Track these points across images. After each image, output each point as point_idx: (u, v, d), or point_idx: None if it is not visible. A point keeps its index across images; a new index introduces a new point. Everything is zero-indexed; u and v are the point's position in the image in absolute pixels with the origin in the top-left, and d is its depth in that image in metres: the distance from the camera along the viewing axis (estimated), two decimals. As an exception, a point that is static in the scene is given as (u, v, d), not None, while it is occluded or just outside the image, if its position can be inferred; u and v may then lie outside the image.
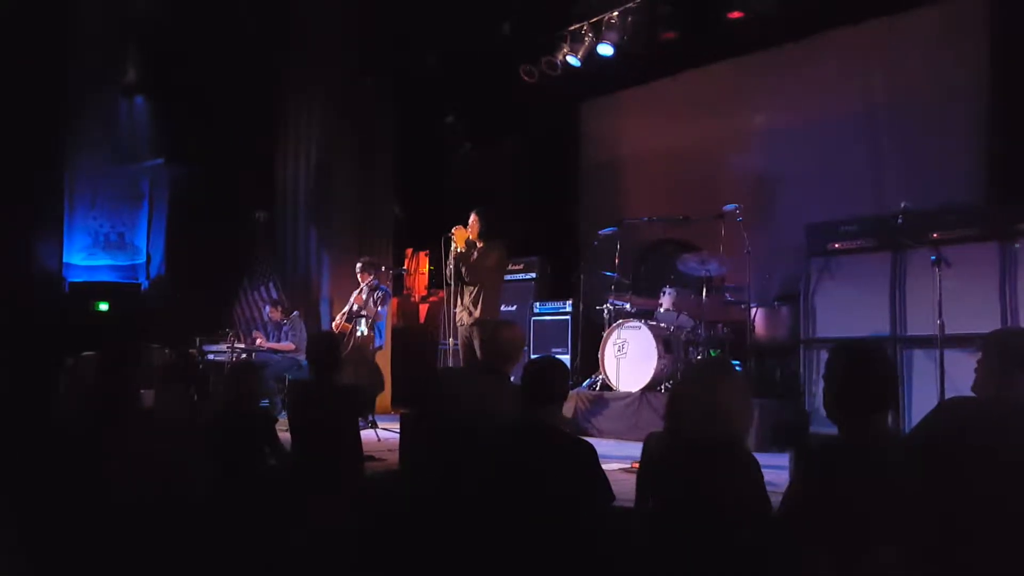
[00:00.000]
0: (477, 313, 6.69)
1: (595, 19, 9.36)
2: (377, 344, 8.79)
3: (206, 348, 9.19)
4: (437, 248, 7.33)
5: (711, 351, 8.08)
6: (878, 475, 2.58)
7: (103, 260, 11.47)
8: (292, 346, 9.12)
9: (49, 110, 10.33)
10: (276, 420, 4.99)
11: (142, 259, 11.63)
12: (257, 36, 10.43)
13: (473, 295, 6.80)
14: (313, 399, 4.83)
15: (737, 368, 6.28)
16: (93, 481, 3.78)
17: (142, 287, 11.48)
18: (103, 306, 10.68)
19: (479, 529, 3.30)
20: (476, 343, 6.51)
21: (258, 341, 9.26)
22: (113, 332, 10.11)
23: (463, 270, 6.85)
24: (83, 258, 11.38)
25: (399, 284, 11.70)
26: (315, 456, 4.57)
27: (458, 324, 6.94)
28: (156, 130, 11.63)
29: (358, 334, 8.28)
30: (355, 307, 8.52)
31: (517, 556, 3.15)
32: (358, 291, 8.65)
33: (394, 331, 10.68)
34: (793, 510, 2.69)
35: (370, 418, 7.62)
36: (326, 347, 4.99)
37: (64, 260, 11.04)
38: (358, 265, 8.77)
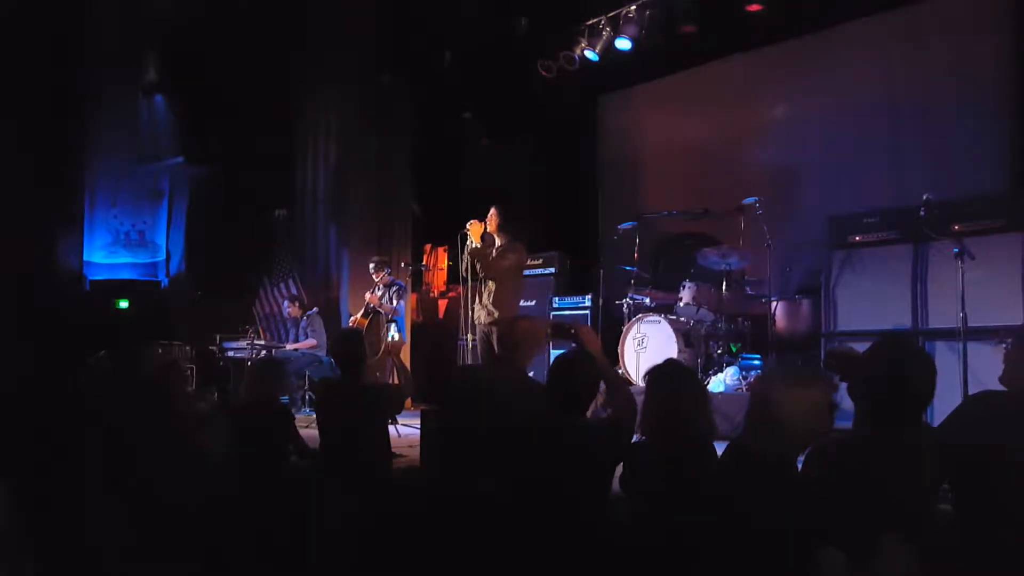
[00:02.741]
0: (496, 312, 6.66)
1: (613, 13, 9.31)
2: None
3: (226, 345, 9.24)
4: (456, 244, 7.32)
5: (731, 345, 8.05)
6: (897, 472, 2.55)
7: (124, 258, 11.55)
8: (314, 342, 9.18)
9: (70, 109, 10.40)
10: (294, 417, 5.00)
11: (162, 257, 11.70)
12: (275, 35, 10.45)
13: (492, 294, 6.76)
14: (340, 397, 4.83)
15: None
16: (110, 478, 3.80)
17: (162, 284, 11.55)
18: (124, 303, 10.75)
19: (502, 526, 3.29)
20: (495, 339, 6.50)
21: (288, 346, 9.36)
22: (133, 329, 10.19)
23: (478, 266, 6.83)
24: (104, 256, 11.46)
25: (418, 280, 11.71)
26: (343, 453, 4.57)
27: (476, 322, 6.92)
28: (176, 129, 11.71)
29: (388, 339, 8.30)
30: (371, 305, 8.55)
31: (540, 554, 3.13)
32: (371, 290, 8.69)
33: (414, 327, 10.69)
34: (804, 505, 2.64)
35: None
36: (351, 345, 4.99)
37: (85, 258, 11.13)
38: (371, 265, 8.81)
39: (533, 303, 9.70)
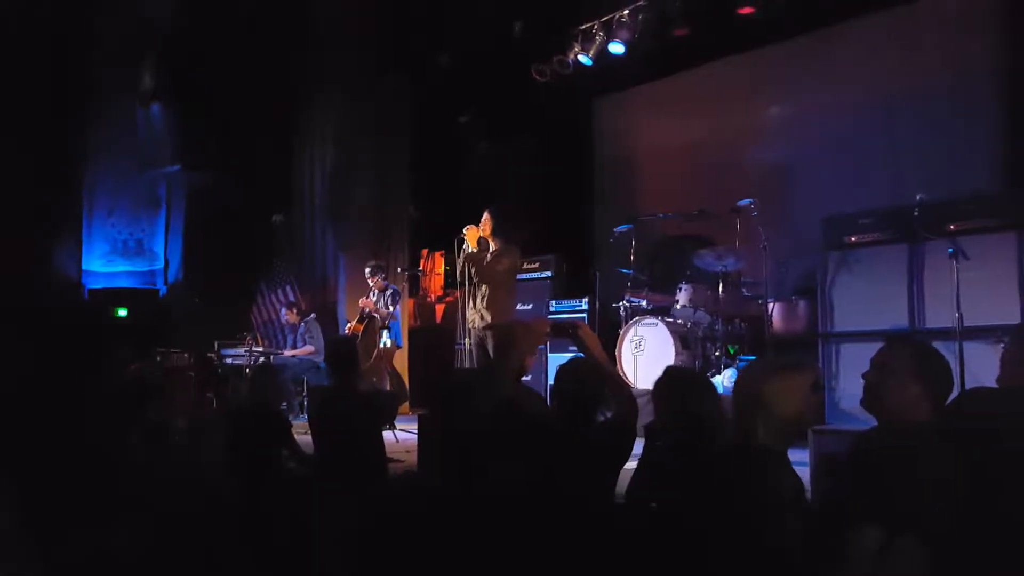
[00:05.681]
0: (489, 316, 6.66)
1: (606, 18, 9.33)
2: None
3: (224, 352, 9.25)
4: (452, 248, 7.33)
5: (729, 347, 8.05)
6: (909, 470, 2.55)
7: (122, 266, 11.55)
8: (312, 349, 9.19)
9: (68, 117, 10.41)
10: (291, 424, 5.01)
11: (160, 265, 11.71)
12: (273, 38, 10.47)
13: (485, 298, 6.76)
14: (335, 404, 4.84)
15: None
16: (113, 487, 3.80)
17: (160, 292, 11.56)
18: (122, 312, 10.75)
19: (502, 530, 3.28)
20: (489, 345, 6.50)
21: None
22: (132, 337, 10.19)
23: (473, 271, 6.84)
24: (102, 264, 11.46)
25: (415, 285, 11.71)
26: (338, 460, 4.57)
27: (470, 326, 6.92)
28: (173, 136, 11.71)
29: (381, 345, 8.30)
30: (366, 311, 8.56)
31: (541, 558, 3.13)
32: (366, 295, 8.70)
33: (411, 332, 10.69)
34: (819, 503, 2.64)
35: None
36: (344, 351, 4.99)
37: (83, 267, 11.13)
38: (367, 270, 8.82)
39: (530, 306, 9.70)
